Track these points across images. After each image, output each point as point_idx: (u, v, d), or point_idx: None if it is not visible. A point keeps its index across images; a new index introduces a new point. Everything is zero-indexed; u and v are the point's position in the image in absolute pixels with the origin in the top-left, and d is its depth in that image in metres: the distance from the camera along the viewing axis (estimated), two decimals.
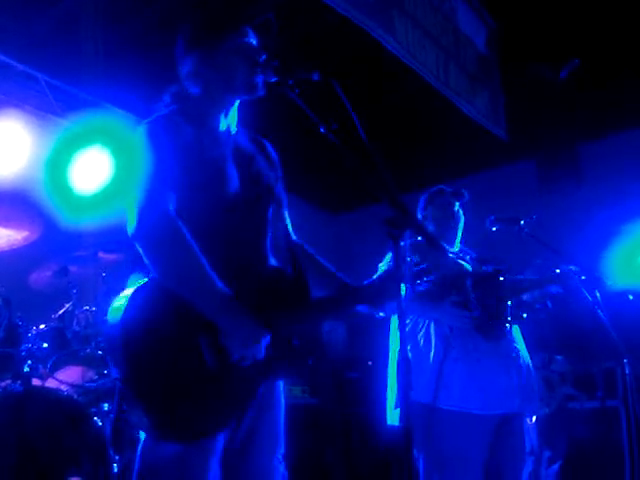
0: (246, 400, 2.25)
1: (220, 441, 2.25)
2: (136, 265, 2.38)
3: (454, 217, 3.89)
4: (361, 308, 2.54)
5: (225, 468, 2.31)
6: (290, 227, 2.67)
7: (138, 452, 2.24)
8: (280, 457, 2.45)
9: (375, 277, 2.57)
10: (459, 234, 3.93)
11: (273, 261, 2.45)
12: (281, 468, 2.44)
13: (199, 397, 2.13)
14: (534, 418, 4.92)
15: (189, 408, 2.12)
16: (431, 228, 3.92)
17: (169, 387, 2.11)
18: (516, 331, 3.73)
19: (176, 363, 2.12)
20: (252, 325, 2.18)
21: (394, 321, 3.68)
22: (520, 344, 3.69)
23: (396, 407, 3.52)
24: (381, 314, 3.50)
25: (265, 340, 2.20)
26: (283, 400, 2.50)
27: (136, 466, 2.24)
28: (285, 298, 2.37)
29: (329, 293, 2.55)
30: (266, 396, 2.39)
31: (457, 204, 3.91)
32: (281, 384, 2.51)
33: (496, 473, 3.52)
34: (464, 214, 3.94)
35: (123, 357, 2.09)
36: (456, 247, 3.94)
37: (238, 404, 2.23)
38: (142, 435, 2.24)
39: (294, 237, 2.69)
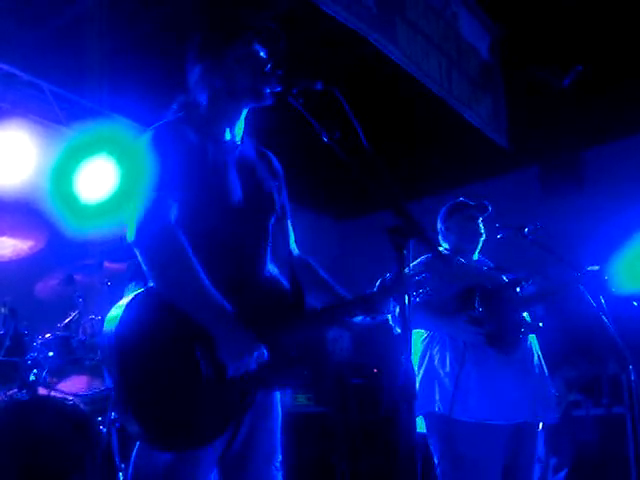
0: (239, 411, 2.24)
1: (214, 451, 2.25)
2: (135, 275, 2.39)
3: (477, 230, 3.92)
4: (357, 319, 2.55)
5: (223, 474, 2.32)
6: (293, 238, 2.68)
7: (132, 458, 2.25)
8: (277, 465, 2.45)
9: (371, 290, 2.58)
10: (479, 246, 3.96)
11: (272, 271, 2.46)
12: (279, 476, 2.44)
13: (193, 407, 2.13)
14: (540, 425, 4.93)
15: (183, 417, 2.12)
16: (453, 239, 3.95)
17: (163, 396, 2.11)
18: (532, 340, 3.74)
19: (171, 372, 2.13)
20: (246, 338, 2.18)
21: (416, 334, 3.72)
22: (536, 352, 3.71)
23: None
24: (398, 330, 3.52)
25: (259, 352, 2.20)
26: (280, 409, 2.51)
27: (129, 472, 2.25)
28: (281, 309, 2.38)
29: (325, 304, 2.55)
30: (263, 405, 2.40)
31: (480, 217, 3.93)
32: (278, 393, 2.51)
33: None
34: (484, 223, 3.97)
35: (117, 366, 2.10)
36: (475, 257, 3.96)
37: (231, 414, 2.22)
38: (137, 441, 2.25)
39: (296, 249, 2.70)
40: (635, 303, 4.08)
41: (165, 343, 2.15)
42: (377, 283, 2.59)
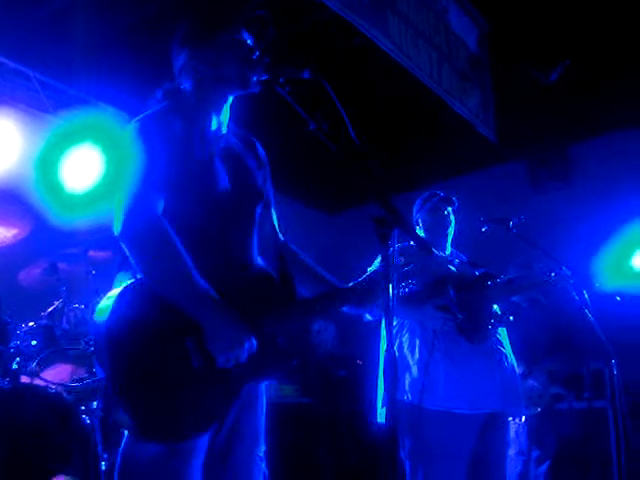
0: (229, 402, 2.25)
1: (203, 443, 2.25)
2: (124, 264, 2.38)
3: (444, 222, 3.92)
4: (347, 309, 2.55)
5: (206, 467, 2.31)
6: (278, 227, 2.66)
7: (120, 450, 2.24)
8: (261, 455, 2.45)
9: (361, 279, 2.58)
10: (449, 238, 3.95)
11: (259, 261, 2.46)
12: (262, 466, 2.44)
13: (184, 398, 2.13)
14: (523, 418, 4.96)
15: (174, 409, 2.12)
16: (422, 232, 3.96)
17: (154, 387, 2.11)
18: (502, 333, 3.76)
19: (162, 364, 2.12)
20: (236, 327, 2.18)
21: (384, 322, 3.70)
22: (505, 346, 3.73)
23: (383, 405, 3.56)
24: (368, 317, 3.54)
25: (249, 342, 2.20)
26: (265, 399, 2.50)
27: (117, 464, 2.24)
28: (270, 299, 2.36)
29: (314, 293, 2.54)
30: (249, 395, 2.39)
31: (448, 209, 3.93)
32: (264, 384, 2.50)
33: (480, 471, 3.56)
34: (455, 217, 3.96)
35: (108, 357, 2.09)
36: (447, 251, 3.96)
37: (221, 406, 2.23)
38: (125, 433, 2.24)
39: (281, 237, 2.69)
40: (618, 298, 4.12)
41: (156, 335, 2.14)
42: (366, 274, 2.59)
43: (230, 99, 2.53)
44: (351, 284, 2.57)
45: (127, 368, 2.09)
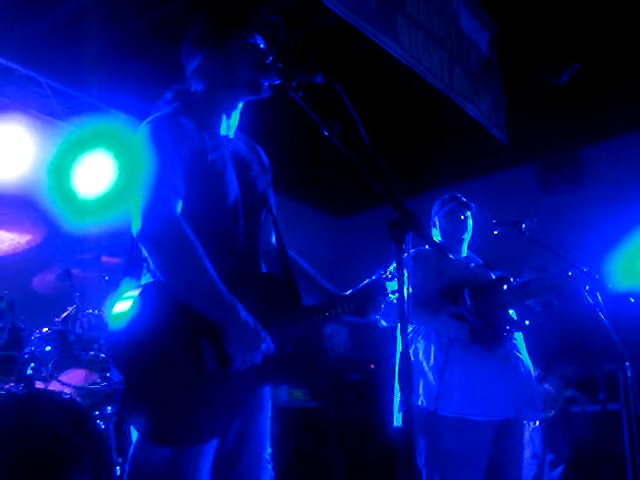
0: (241, 405, 2.25)
1: (212, 446, 2.25)
2: (128, 269, 2.38)
3: (460, 227, 3.92)
4: (347, 317, 2.55)
5: (215, 470, 2.31)
6: (280, 231, 2.66)
7: (130, 454, 2.24)
8: (268, 457, 2.46)
9: (360, 286, 2.59)
10: (465, 243, 3.96)
11: (264, 266, 2.47)
12: (269, 468, 2.45)
13: (199, 401, 2.13)
14: (537, 422, 4.94)
15: (189, 412, 2.12)
16: (439, 234, 3.97)
17: (170, 391, 2.11)
18: (519, 338, 3.74)
19: (178, 368, 2.13)
20: (255, 330, 2.19)
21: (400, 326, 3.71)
22: (522, 351, 3.71)
23: (400, 410, 3.56)
24: (383, 323, 3.54)
25: (266, 344, 2.21)
26: (270, 402, 2.51)
27: (127, 468, 2.24)
28: (277, 304, 2.38)
29: (313, 301, 2.55)
30: (255, 399, 2.41)
31: (467, 213, 3.93)
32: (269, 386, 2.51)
33: (496, 476, 3.55)
34: (473, 221, 3.97)
35: (127, 362, 2.09)
36: (463, 254, 3.96)
37: (233, 409, 2.23)
38: (134, 437, 2.24)
39: (283, 243, 2.69)
40: (632, 300, 4.10)
41: (172, 339, 2.14)
42: (365, 282, 2.60)
43: (240, 105, 2.54)
44: (349, 292, 2.58)
45: (146, 373, 2.09)
